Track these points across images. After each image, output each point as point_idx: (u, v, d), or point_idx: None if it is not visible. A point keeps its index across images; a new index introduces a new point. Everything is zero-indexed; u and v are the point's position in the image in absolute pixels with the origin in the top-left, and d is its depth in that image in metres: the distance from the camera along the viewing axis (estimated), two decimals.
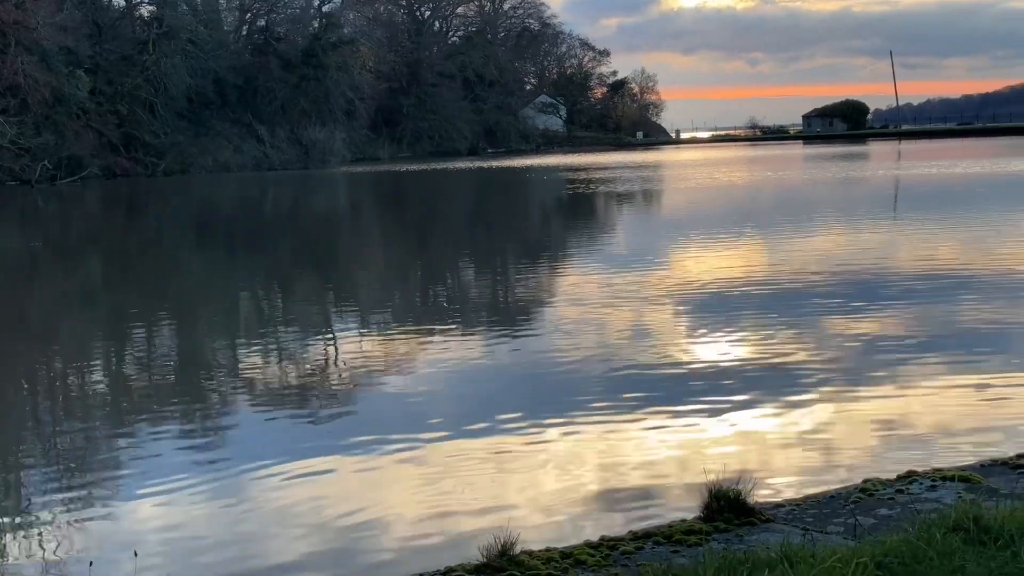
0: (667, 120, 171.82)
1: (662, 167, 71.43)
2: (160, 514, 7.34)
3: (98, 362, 13.43)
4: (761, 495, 6.45)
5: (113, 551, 6.70)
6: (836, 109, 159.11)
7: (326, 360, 12.75)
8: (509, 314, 15.92)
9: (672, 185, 50.29)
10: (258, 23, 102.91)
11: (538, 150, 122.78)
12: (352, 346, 13.28)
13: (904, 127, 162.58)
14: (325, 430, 9.40)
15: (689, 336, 12.96)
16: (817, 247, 21.64)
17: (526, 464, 8.08)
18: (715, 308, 14.62)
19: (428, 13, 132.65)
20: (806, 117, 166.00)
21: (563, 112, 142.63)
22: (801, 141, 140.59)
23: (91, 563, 6.14)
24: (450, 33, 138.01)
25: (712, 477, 6.39)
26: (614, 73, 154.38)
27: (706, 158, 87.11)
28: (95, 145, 74.99)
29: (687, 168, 67.67)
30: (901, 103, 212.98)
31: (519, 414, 9.41)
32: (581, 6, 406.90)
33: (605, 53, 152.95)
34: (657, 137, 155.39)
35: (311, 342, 13.97)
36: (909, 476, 6.77)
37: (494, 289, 19.17)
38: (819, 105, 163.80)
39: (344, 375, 11.78)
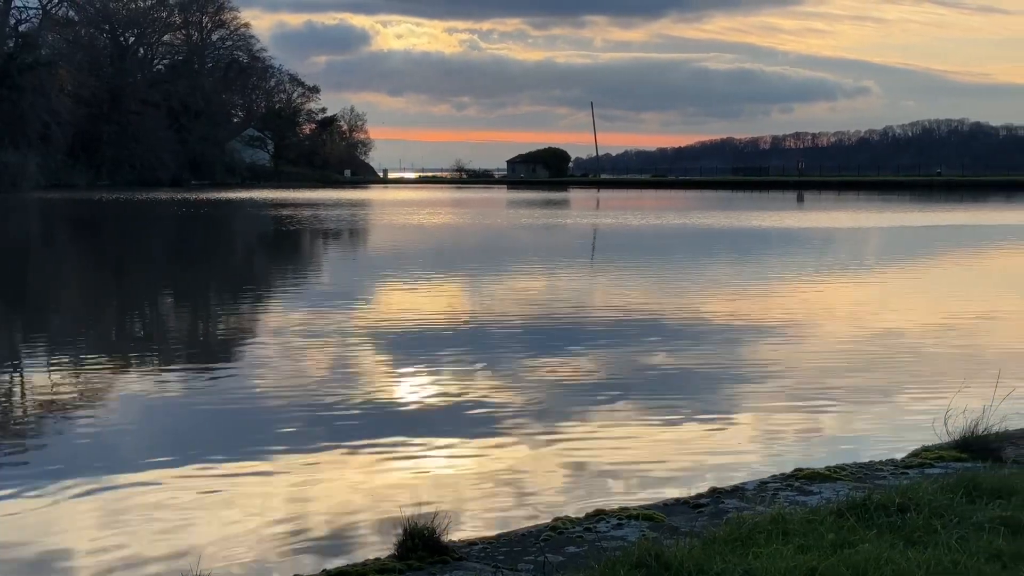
0: (375, 159, 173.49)
1: (369, 206, 71.56)
2: None
3: None
4: (456, 533, 6.50)
5: None
6: (539, 156, 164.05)
7: (10, 395, 12.11)
8: (206, 350, 15.57)
9: (378, 224, 50.44)
10: None
11: (244, 184, 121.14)
12: (40, 381, 12.66)
13: (603, 176, 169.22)
14: (5, 468, 8.91)
15: (388, 375, 12.99)
16: (517, 290, 22.12)
17: (218, 503, 7.89)
18: (416, 348, 14.72)
19: (132, 39, 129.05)
20: (510, 162, 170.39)
21: (270, 147, 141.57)
22: (505, 185, 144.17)
23: None
24: (156, 61, 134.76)
25: (408, 515, 6.41)
26: (323, 110, 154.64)
27: (413, 198, 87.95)
28: None
29: (394, 207, 68.09)
30: (601, 153, 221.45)
31: (212, 452, 9.21)
32: (291, 42, 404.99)
33: (315, 90, 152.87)
34: (365, 176, 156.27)
35: None
36: (597, 515, 6.97)
37: (192, 325, 18.70)
38: (523, 151, 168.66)
39: (30, 411, 11.22)
